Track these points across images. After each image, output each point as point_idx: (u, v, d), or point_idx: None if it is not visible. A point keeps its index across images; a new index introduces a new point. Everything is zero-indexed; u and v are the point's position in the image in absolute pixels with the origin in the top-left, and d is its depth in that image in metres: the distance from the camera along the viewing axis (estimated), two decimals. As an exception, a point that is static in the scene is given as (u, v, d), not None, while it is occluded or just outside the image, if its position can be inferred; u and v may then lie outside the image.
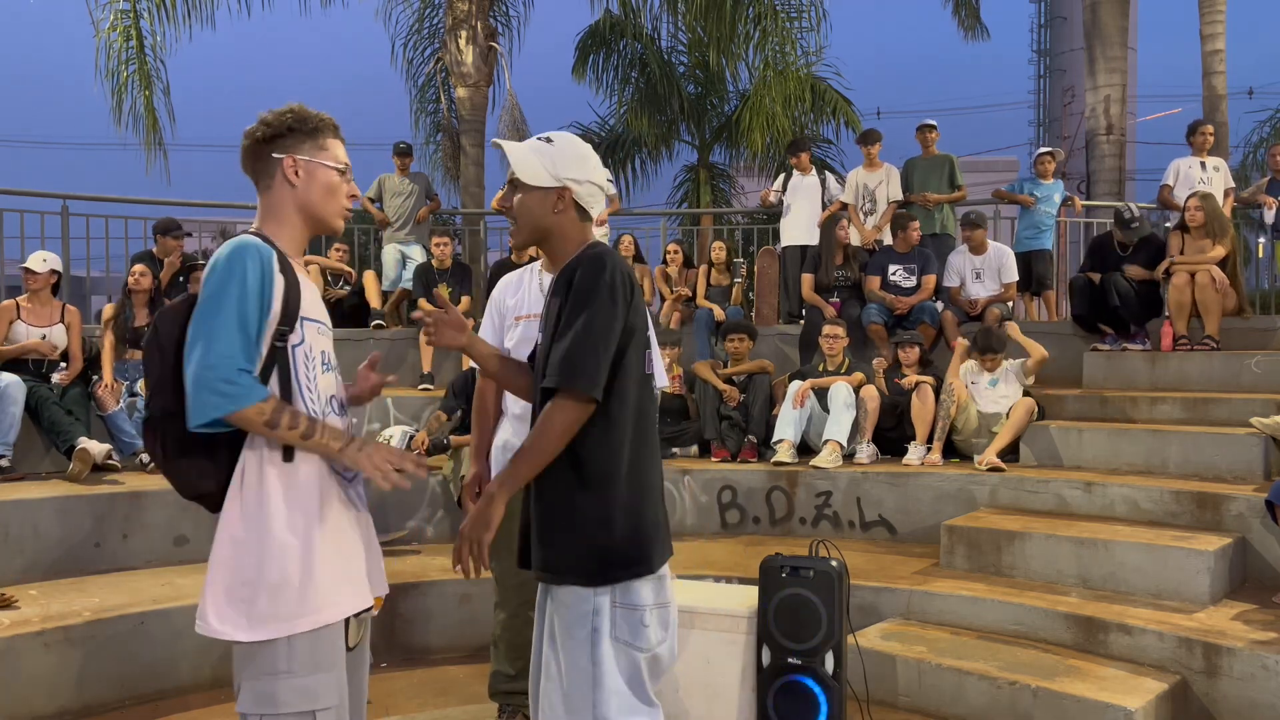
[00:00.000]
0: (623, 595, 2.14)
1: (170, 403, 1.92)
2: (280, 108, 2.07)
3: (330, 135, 2.08)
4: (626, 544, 2.14)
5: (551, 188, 2.20)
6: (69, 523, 4.95)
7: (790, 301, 8.30)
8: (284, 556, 1.90)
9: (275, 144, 2.04)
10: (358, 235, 10.36)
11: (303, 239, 2.11)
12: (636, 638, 2.14)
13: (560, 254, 2.25)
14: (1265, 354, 5.83)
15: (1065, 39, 25.92)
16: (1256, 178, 10.76)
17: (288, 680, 1.89)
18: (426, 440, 5.73)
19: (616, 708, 2.11)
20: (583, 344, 2.06)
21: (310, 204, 2.06)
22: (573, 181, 2.20)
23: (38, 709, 3.96)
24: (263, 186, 2.06)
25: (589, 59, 13.93)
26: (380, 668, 4.72)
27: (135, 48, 9.91)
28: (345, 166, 2.11)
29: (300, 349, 1.99)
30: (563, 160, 2.20)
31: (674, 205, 15.78)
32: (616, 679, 2.12)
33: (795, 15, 11.03)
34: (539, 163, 2.20)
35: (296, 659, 1.90)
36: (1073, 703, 3.55)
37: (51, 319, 6.02)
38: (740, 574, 4.78)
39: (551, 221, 2.22)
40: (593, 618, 2.11)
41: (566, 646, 2.13)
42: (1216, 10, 10.20)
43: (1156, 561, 4.27)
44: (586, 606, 2.12)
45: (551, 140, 2.24)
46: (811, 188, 8.25)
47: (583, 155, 2.24)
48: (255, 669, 1.90)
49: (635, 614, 2.14)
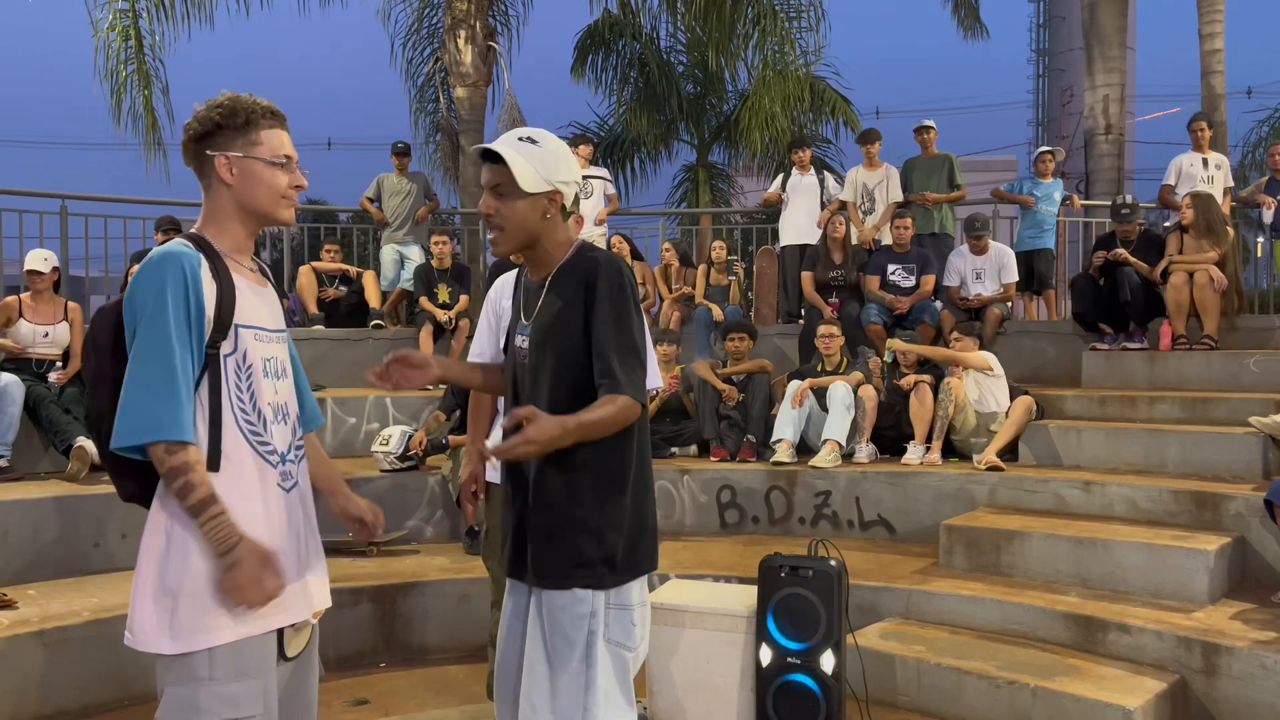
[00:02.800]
0: (616, 596, 2.16)
1: (104, 404, 1.90)
2: (213, 100, 1.97)
3: (266, 125, 1.97)
4: (632, 546, 2.17)
5: (543, 192, 2.15)
6: (68, 522, 4.94)
7: (789, 301, 8.30)
8: (206, 566, 1.84)
9: (207, 142, 1.95)
10: (357, 235, 10.36)
11: (246, 238, 2.02)
12: (627, 638, 2.17)
13: (548, 257, 2.22)
14: (1264, 353, 5.83)
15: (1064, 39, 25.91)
16: (1255, 177, 10.78)
17: (209, 687, 1.85)
18: (425, 440, 5.73)
19: (605, 708, 2.13)
20: (632, 355, 2.11)
21: (248, 202, 1.97)
22: (562, 184, 2.17)
23: (37, 709, 3.96)
24: (203, 186, 1.99)
25: (588, 59, 13.92)
26: (380, 668, 4.72)
27: (134, 47, 9.90)
28: (285, 158, 1.99)
29: (232, 358, 1.92)
30: (552, 163, 2.16)
31: (673, 205, 15.78)
32: (609, 679, 2.15)
33: (794, 15, 11.02)
34: (534, 169, 2.13)
35: (219, 666, 1.85)
36: (1072, 702, 3.55)
37: (55, 317, 6.01)
38: (739, 574, 4.79)
39: (541, 226, 2.18)
40: (590, 620, 2.12)
41: (560, 649, 2.12)
42: (1215, 10, 10.20)
43: (1155, 561, 4.27)
44: (585, 609, 2.12)
45: (536, 141, 2.17)
46: (810, 187, 8.26)
47: (567, 155, 2.21)
48: (176, 675, 1.86)
49: (626, 614, 2.17)
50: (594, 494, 2.14)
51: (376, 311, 8.19)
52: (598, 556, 2.13)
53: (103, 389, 1.92)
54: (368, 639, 4.81)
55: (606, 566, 2.13)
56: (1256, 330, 6.44)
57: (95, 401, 1.94)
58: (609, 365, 2.09)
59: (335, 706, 4.18)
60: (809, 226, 8.08)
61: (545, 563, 2.15)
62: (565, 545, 2.13)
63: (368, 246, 10.05)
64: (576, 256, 2.20)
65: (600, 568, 2.13)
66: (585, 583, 2.12)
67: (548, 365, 2.18)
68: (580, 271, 2.16)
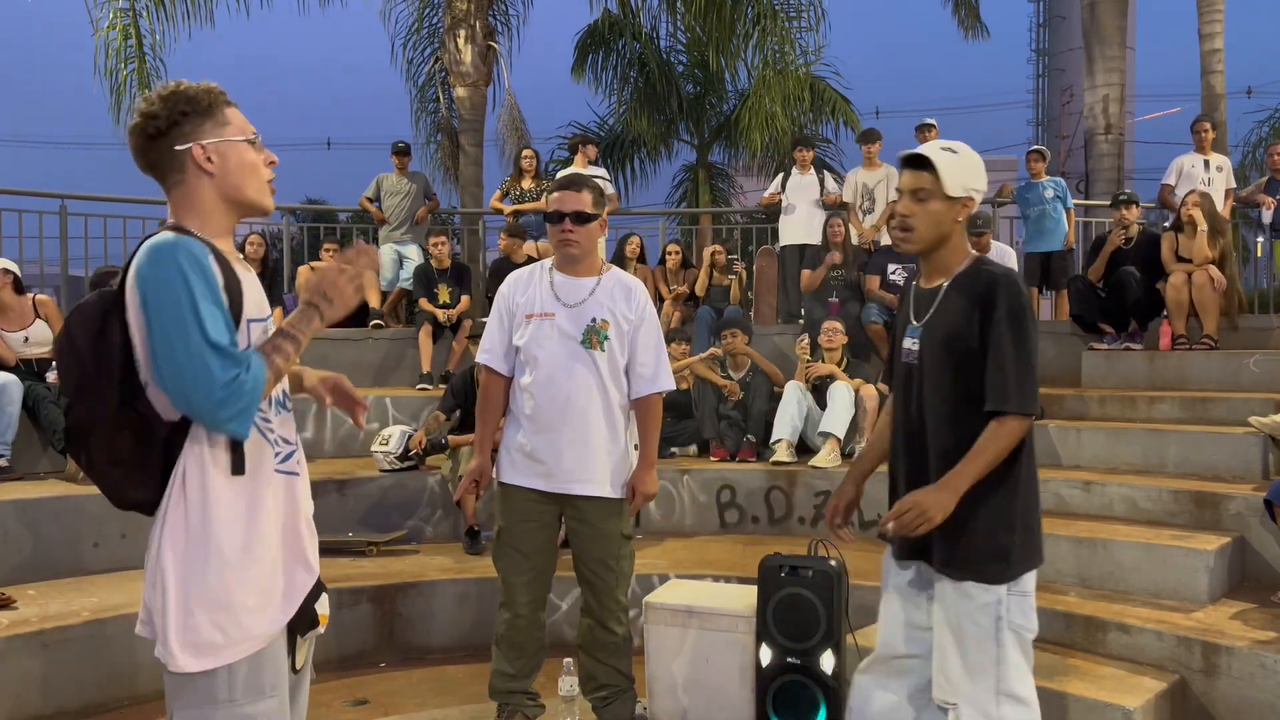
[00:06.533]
0: (1016, 585, 2.40)
1: (94, 410, 1.74)
2: (160, 93, 1.82)
3: (224, 105, 1.85)
4: (1026, 541, 2.41)
5: (959, 198, 2.34)
6: (68, 522, 4.95)
7: (789, 301, 8.30)
8: (225, 573, 1.75)
9: (173, 135, 1.80)
10: (357, 235, 10.36)
11: (230, 228, 1.89)
12: (1027, 620, 2.43)
13: (947, 263, 2.41)
14: (1264, 353, 5.83)
15: (1064, 38, 25.91)
16: (1255, 177, 10.76)
17: (228, 709, 1.75)
18: (425, 440, 5.73)
19: (1016, 679, 2.41)
20: (1027, 368, 2.29)
21: (233, 188, 1.84)
22: (976, 192, 2.36)
23: (36, 709, 3.97)
24: (172, 182, 1.83)
25: (588, 58, 13.93)
26: (380, 668, 4.72)
27: (134, 46, 9.90)
28: (253, 134, 1.88)
29: None
30: (972, 171, 2.35)
31: (673, 205, 15.78)
32: (1017, 654, 2.41)
33: (794, 15, 11.03)
34: (957, 176, 2.32)
35: (238, 686, 1.76)
36: (1071, 701, 3.55)
37: (26, 318, 5.92)
38: (739, 573, 4.79)
39: (950, 230, 2.38)
40: (997, 607, 2.37)
41: (970, 632, 2.38)
42: (1215, 10, 10.20)
43: (1155, 561, 4.26)
44: (993, 597, 2.37)
45: (956, 151, 2.35)
46: (810, 186, 8.26)
47: (981, 166, 2.39)
48: (190, 698, 1.75)
49: (1025, 600, 2.43)
50: (1000, 491, 2.37)
51: (376, 311, 8.19)
52: (1004, 549, 2.37)
53: (89, 395, 1.74)
54: (368, 639, 4.82)
55: (1011, 558, 2.37)
56: (1256, 330, 6.44)
57: (82, 409, 1.75)
58: (1004, 380, 2.29)
59: (335, 706, 4.18)
60: (809, 226, 8.08)
61: (957, 554, 2.38)
62: (977, 539, 2.36)
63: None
64: (974, 268, 2.39)
65: (1006, 560, 2.37)
66: (994, 574, 2.36)
67: (943, 369, 2.39)
68: (980, 283, 2.34)
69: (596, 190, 3.33)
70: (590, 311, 3.27)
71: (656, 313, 3.51)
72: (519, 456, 3.33)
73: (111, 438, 1.75)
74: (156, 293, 1.68)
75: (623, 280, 3.38)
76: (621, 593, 3.41)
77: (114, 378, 1.74)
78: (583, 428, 3.26)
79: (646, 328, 3.34)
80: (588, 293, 3.30)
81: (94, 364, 1.74)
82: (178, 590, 1.74)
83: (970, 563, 2.37)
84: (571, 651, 3.72)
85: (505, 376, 3.38)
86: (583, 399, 3.25)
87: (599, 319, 3.27)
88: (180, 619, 1.73)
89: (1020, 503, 2.40)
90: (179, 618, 1.73)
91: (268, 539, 1.82)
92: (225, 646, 1.75)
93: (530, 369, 3.29)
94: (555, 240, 3.30)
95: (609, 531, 3.33)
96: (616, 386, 3.31)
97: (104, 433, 1.75)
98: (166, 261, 1.69)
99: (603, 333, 3.26)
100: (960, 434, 2.37)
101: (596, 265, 3.38)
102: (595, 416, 3.27)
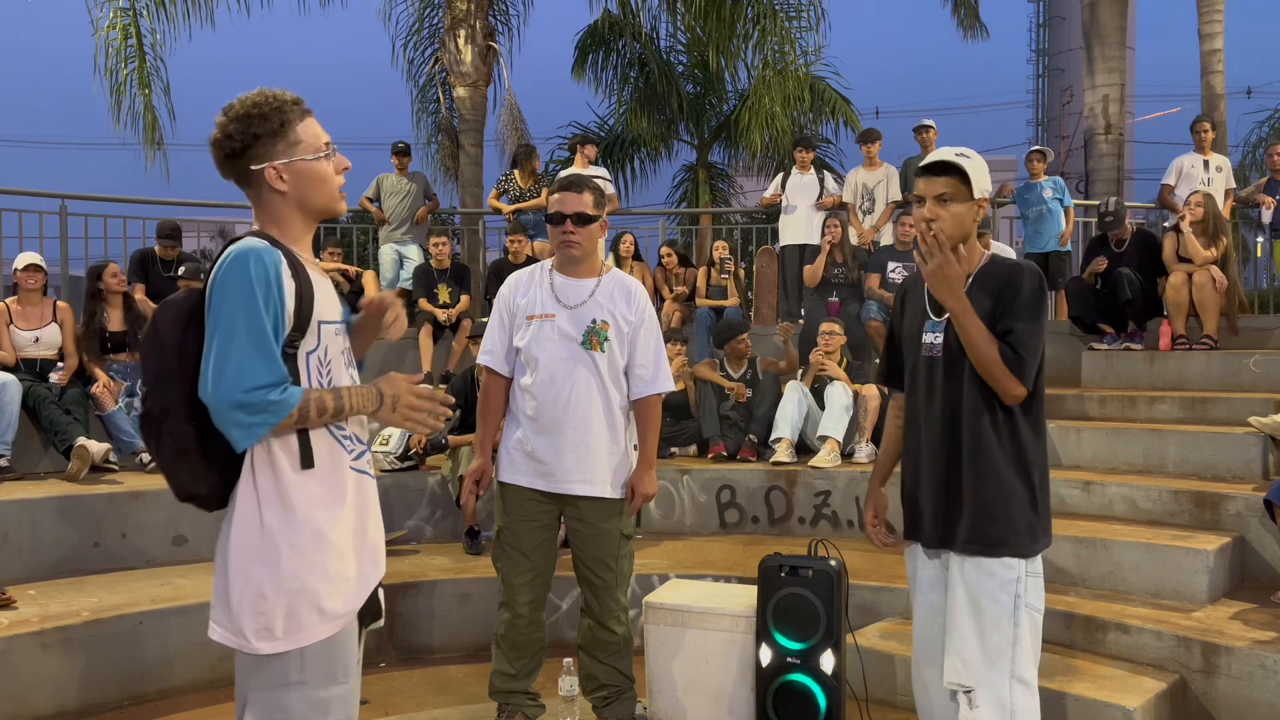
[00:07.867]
0: (1030, 564, 2.51)
1: (169, 398, 1.84)
2: (236, 108, 1.90)
3: (297, 120, 1.93)
4: (1044, 519, 2.54)
5: (979, 200, 2.50)
6: (68, 522, 4.95)
7: (789, 301, 8.30)
8: (298, 561, 1.83)
9: (248, 156, 1.90)
10: (356, 235, 10.36)
11: (307, 232, 2.00)
12: (1038, 600, 2.53)
13: (967, 259, 2.52)
14: (1263, 353, 5.83)
15: (1064, 38, 25.95)
16: (1255, 177, 10.77)
17: (300, 691, 1.83)
18: (425, 440, 5.73)
19: (1025, 664, 2.48)
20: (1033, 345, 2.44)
21: (306, 201, 1.95)
22: (987, 193, 2.51)
23: (36, 709, 3.96)
24: (252, 195, 1.95)
25: (588, 58, 13.92)
26: (380, 667, 4.72)
27: (135, 46, 9.90)
28: (326, 145, 1.97)
29: (314, 355, 1.91)
30: (984, 174, 2.50)
31: (673, 205, 15.78)
32: (1030, 636, 2.49)
33: (794, 15, 11.04)
34: (980, 179, 2.48)
35: (309, 669, 1.84)
36: (1071, 701, 3.55)
37: (43, 320, 5.96)
38: (739, 573, 4.79)
39: (969, 229, 2.51)
40: (1016, 585, 2.47)
41: (989, 611, 2.46)
42: (1215, 10, 10.20)
43: (1155, 561, 4.27)
44: (1013, 574, 2.47)
45: (968, 156, 2.50)
46: (810, 186, 8.27)
47: (987, 170, 2.53)
48: (264, 679, 1.83)
49: (1038, 580, 2.53)
50: (1019, 473, 2.49)
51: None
52: (1024, 526, 2.48)
53: (166, 385, 1.85)
54: (368, 639, 4.80)
55: (1031, 536, 2.49)
56: (1256, 330, 6.44)
57: (157, 397, 1.86)
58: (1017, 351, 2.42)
59: (335, 706, 4.18)
60: (809, 226, 8.08)
61: (981, 532, 2.48)
62: (1000, 516, 2.47)
63: (368, 246, 10.05)
64: (992, 263, 2.54)
65: (1026, 537, 2.48)
66: (1016, 551, 2.47)
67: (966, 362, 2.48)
68: (1002, 275, 2.49)
69: (597, 191, 3.34)
70: (590, 313, 3.28)
71: (657, 314, 3.51)
72: (519, 456, 3.33)
73: (181, 427, 1.84)
74: (222, 292, 1.80)
75: (623, 281, 3.38)
76: (621, 593, 3.41)
77: (189, 370, 1.84)
78: (583, 428, 3.26)
79: (646, 329, 3.35)
80: (588, 294, 3.31)
81: (175, 356, 1.85)
82: (251, 575, 1.82)
83: (997, 538, 2.47)
84: (571, 651, 3.72)
85: (506, 377, 3.39)
86: (583, 400, 3.26)
87: (599, 320, 3.27)
88: (253, 603, 1.81)
89: (1038, 481, 2.53)
90: (252, 602, 1.81)
91: (343, 530, 1.90)
92: (298, 630, 1.83)
93: (531, 370, 3.29)
94: (556, 241, 3.30)
95: (609, 531, 3.34)
96: (616, 387, 3.31)
97: (175, 422, 1.84)
98: (240, 268, 1.81)
99: (603, 334, 3.27)
100: (994, 417, 2.49)
101: (597, 266, 3.38)
102: (595, 417, 3.27)
